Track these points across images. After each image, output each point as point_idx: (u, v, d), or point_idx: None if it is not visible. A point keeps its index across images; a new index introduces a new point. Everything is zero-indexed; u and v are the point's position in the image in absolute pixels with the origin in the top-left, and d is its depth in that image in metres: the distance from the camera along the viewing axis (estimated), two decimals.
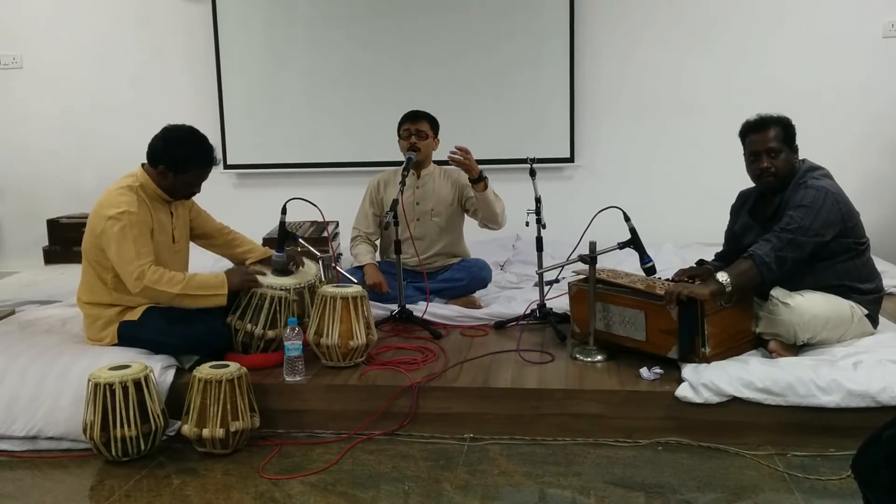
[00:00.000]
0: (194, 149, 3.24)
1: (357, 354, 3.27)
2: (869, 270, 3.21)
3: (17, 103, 5.99)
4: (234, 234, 3.67)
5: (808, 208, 3.01)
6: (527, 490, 2.59)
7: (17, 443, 2.99)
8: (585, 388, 3.00)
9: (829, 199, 3.03)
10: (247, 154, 5.83)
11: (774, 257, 2.99)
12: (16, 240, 6.16)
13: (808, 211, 3.01)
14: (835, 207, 3.04)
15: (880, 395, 2.76)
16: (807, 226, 3.00)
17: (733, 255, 3.35)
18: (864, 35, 5.20)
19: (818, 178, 3.11)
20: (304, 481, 2.68)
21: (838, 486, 2.55)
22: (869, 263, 3.22)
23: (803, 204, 3.03)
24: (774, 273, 3.02)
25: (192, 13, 5.75)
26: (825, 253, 3.09)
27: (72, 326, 3.64)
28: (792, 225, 3.01)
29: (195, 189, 3.33)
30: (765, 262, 2.99)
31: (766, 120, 3.20)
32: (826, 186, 3.07)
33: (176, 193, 3.30)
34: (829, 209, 3.02)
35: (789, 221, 3.03)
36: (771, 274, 3.02)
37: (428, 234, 4.17)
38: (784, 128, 3.17)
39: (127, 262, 3.10)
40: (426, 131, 4.05)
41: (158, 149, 3.21)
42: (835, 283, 3.13)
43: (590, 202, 3.62)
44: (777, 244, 3.01)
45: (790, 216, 3.04)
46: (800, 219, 3.01)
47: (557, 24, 5.39)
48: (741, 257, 3.09)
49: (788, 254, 3.00)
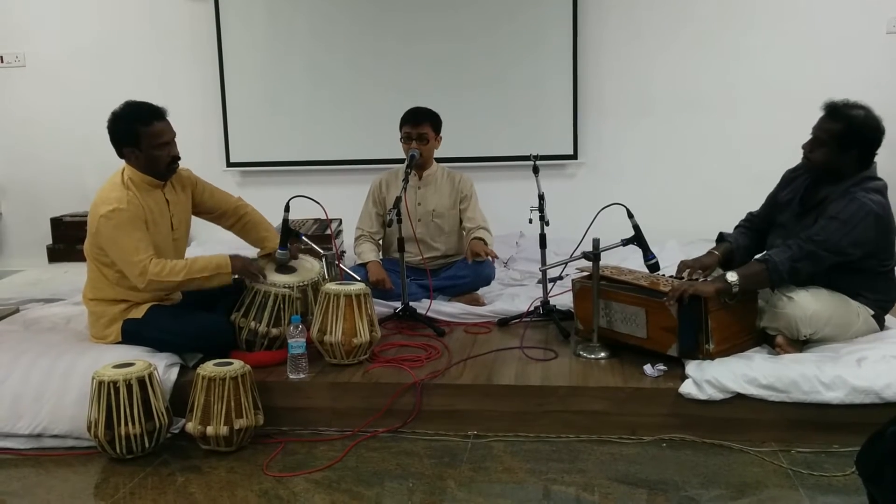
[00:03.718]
0: (129, 113, 3.20)
1: (361, 352, 3.27)
2: (885, 286, 3.15)
3: (20, 102, 6.00)
4: (250, 217, 3.58)
5: (843, 223, 2.91)
6: (531, 487, 2.59)
7: (22, 441, 3.00)
8: (589, 384, 3.00)
9: (868, 218, 2.92)
10: (250, 152, 5.83)
11: (789, 267, 2.95)
12: (19, 238, 6.16)
13: (841, 226, 2.92)
14: (871, 228, 2.93)
15: (885, 391, 2.75)
16: (835, 241, 2.92)
17: (765, 222, 3.31)
18: (868, 32, 5.18)
19: (867, 192, 2.96)
20: (308, 479, 2.68)
21: (843, 482, 2.55)
22: (887, 282, 3.14)
23: (839, 217, 2.92)
24: (785, 283, 3.00)
25: (195, 11, 5.74)
26: (844, 266, 3.02)
27: (76, 324, 3.65)
28: (820, 237, 2.93)
29: (170, 151, 3.24)
30: (778, 270, 2.96)
31: (836, 109, 3.03)
32: (870, 204, 2.92)
33: (159, 167, 3.23)
34: (864, 229, 2.92)
35: (818, 232, 2.94)
36: (781, 283, 3.00)
37: (430, 235, 4.17)
38: (847, 128, 2.97)
39: (128, 259, 3.10)
40: (428, 134, 4.04)
41: (111, 138, 3.21)
42: (843, 287, 3.09)
43: (593, 199, 3.61)
44: (796, 254, 2.95)
45: (822, 226, 2.95)
46: (830, 232, 2.92)
47: (561, 21, 5.37)
48: (756, 259, 3.07)
49: (804, 267, 2.96)
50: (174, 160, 3.28)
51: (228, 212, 3.58)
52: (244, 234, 3.62)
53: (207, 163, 5.66)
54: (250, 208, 3.64)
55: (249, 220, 3.60)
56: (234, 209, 3.58)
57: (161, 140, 3.21)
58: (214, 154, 5.81)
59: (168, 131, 3.24)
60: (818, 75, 5.18)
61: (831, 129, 3.01)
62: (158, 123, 3.21)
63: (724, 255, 3.31)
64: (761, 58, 5.29)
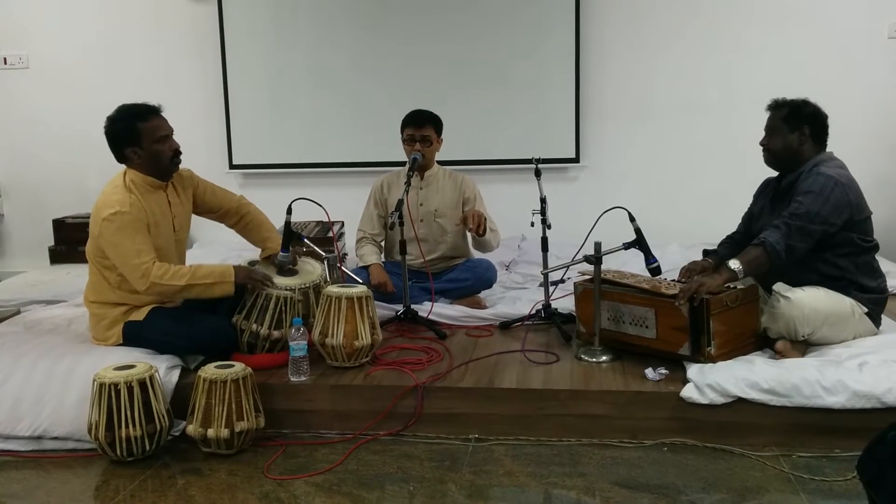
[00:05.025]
0: (125, 113, 3.21)
1: (362, 354, 3.27)
2: (872, 269, 3.20)
3: (23, 103, 6.01)
4: (252, 217, 3.60)
5: (817, 195, 3.02)
6: (532, 491, 2.59)
7: (23, 443, 3.00)
8: (591, 388, 3.00)
9: (837, 187, 3.03)
10: (252, 154, 5.84)
11: (785, 245, 3.01)
12: (21, 240, 6.18)
13: (816, 197, 3.02)
14: (844, 195, 3.04)
15: (886, 395, 2.75)
16: (815, 211, 3.01)
17: (745, 237, 3.39)
18: (869, 36, 5.19)
19: (830, 168, 3.11)
20: (309, 481, 2.68)
21: (844, 487, 2.54)
22: (873, 263, 3.21)
23: (812, 190, 3.04)
24: (784, 261, 3.04)
25: (199, 13, 5.76)
26: (828, 242, 3.09)
27: (77, 326, 3.65)
28: (801, 210, 3.02)
29: (171, 144, 3.25)
30: (775, 249, 3.01)
31: (774, 102, 3.27)
32: (836, 175, 3.07)
33: (162, 162, 3.24)
34: (838, 196, 3.03)
35: (798, 207, 3.04)
36: (780, 261, 3.04)
37: (432, 236, 4.17)
38: (791, 110, 3.20)
39: (129, 263, 3.10)
40: (430, 136, 4.04)
41: (110, 141, 3.22)
42: (836, 274, 3.13)
43: (595, 202, 3.62)
44: (786, 231, 3.02)
45: (798, 202, 3.05)
46: (808, 204, 3.02)
47: (563, 24, 5.38)
48: (752, 244, 3.10)
49: (797, 242, 3.02)
50: (176, 154, 3.28)
51: (231, 210, 3.58)
52: (246, 233, 3.63)
53: (210, 165, 5.67)
54: (253, 207, 3.64)
55: (252, 219, 3.61)
56: (236, 208, 3.59)
57: (161, 133, 3.22)
58: (217, 156, 5.82)
59: (166, 125, 3.26)
60: (820, 80, 5.16)
61: (778, 115, 3.23)
62: (156, 118, 3.23)
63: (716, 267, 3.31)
64: (763, 61, 5.29)
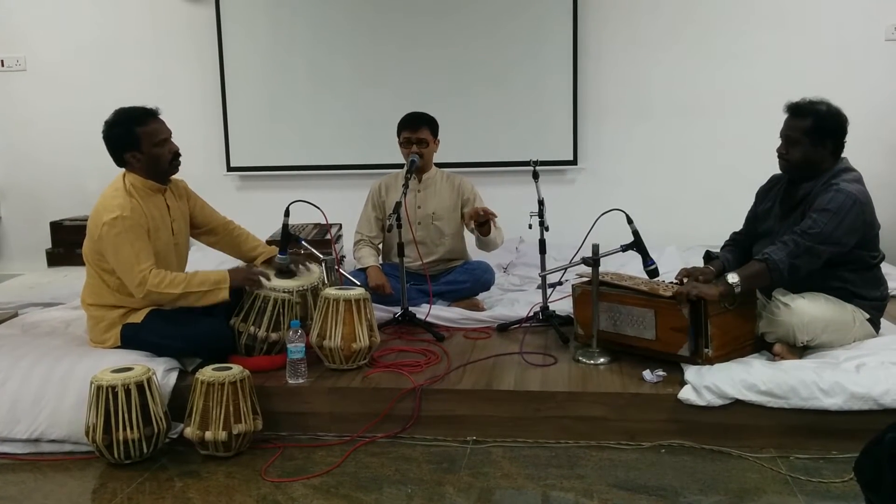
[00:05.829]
0: (123, 117, 3.21)
1: (360, 357, 3.27)
2: (876, 280, 3.17)
3: (20, 105, 6.01)
4: (240, 231, 3.63)
5: (833, 214, 2.94)
6: (529, 493, 2.59)
7: (20, 445, 2.99)
8: (588, 390, 3.00)
9: (855, 206, 2.96)
10: (250, 156, 5.84)
11: (788, 265, 2.96)
12: (19, 242, 6.17)
13: (832, 217, 2.94)
14: (860, 215, 2.98)
15: (883, 397, 2.76)
16: (829, 232, 2.94)
17: (749, 237, 3.35)
18: (867, 38, 5.20)
19: (849, 182, 3.02)
20: (307, 484, 2.67)
21: (841, 488, 2.55)
22: (878, 274, 3.18)
23: (828, 208, 2.96)
24: (785, 280, 3.01)
25: (196, 15, 5.76)
26: (835, 260, 3.04)
27: (75, 329, 3.64)
28: (814, 230, 2.95)
29: (171, 147, 3.25)
30: (778, 268, 2.96)
31: (800, 107, 3.10)
32: (855, 192, 2.98)
33: (162, 165, 3.24)
34: (854, 216, 2.96)
35: (812, 225, 2.96)
36: (781, 280, 3.01)
37: (430, 238, 4.17)
38: (815, 120, 3.04)
39: (128, 269, 3.10)
40: (427, 139, 4.04)
41: (109, 146, 3.22)
42: (838, 285, 3.11)
43: (593, 205, 3.62)
44: (794, 250, 2.96)
45: (813, 219, 2.97)
46: (822, 224, 2.95)
47: (561, 26, 5.39)
48: (755, 258, 3.07)
49: (803, 263, 2.97)
50: (176, 156, 3.29)
51: (218, 227, 3.59)
52: (234, 247, 3.62)
53: (208, 167, 5.69)
54: (239, 226, 3.66)
55: (241, 232, 3.63)
56: (223, 225, 3.60)
57: (160, 137, 3.23)
58: (215, 158, 5.82)
59: (164, 128, 3.26)
60: (818, 81, 5.13)
61: (801, 126, 3.07)
62: (154, 121, 3.23)
63: (718, 272, 3.31)
64: (761, 63, 5.31)
